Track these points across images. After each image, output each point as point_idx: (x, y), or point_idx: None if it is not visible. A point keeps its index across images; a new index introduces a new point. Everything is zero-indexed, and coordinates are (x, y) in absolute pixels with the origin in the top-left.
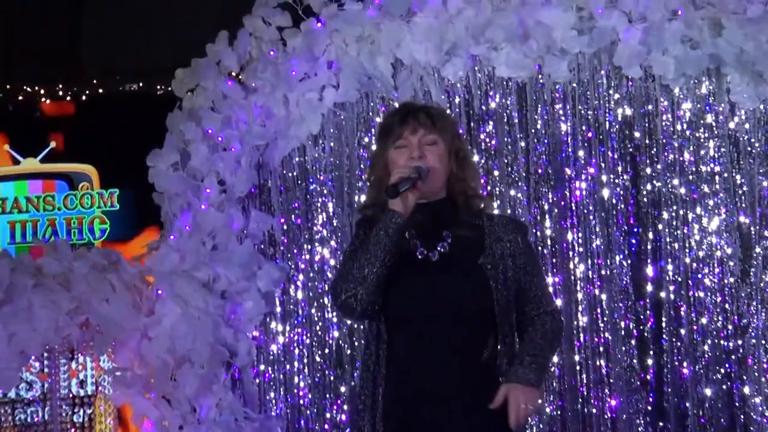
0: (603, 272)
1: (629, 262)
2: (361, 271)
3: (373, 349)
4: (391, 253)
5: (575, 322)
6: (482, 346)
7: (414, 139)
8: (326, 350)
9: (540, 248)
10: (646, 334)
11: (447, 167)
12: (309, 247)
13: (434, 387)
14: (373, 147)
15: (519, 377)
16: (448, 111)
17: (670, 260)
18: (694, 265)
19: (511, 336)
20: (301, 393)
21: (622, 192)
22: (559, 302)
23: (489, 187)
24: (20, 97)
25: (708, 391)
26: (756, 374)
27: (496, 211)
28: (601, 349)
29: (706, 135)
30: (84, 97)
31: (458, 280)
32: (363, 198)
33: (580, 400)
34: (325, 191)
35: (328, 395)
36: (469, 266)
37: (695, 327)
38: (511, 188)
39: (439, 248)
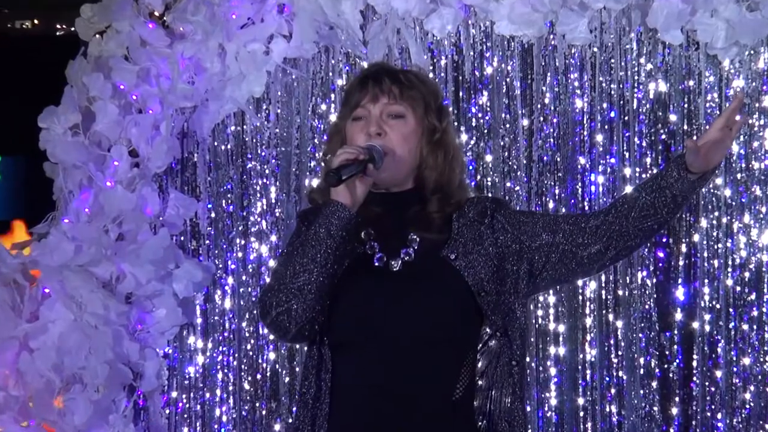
0: (620, 293)
1: (654, 281)
2: (296, 280)
3: (313, 380)
4: (336, 258)
5: (581, 356)
6: (455, 380)
7: (374, 110)
8: (258, 376)
9: None
10: (671, 375)
11: (416, 150)
12: (242, 242)
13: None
14: (333, 117)
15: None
16: (431, 76)
17: (707, 281)
18: (738, 288)
19: (509, 353)
20: (223, 429)
21: None
22: (561, 329)
23: (479, 177)
24: None
25: None
26: None
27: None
28: (613, 391)
29: (762, 122)
30: None
31: (426, 294)
32: (316, 182)
33: None
34: (266, 171)
35: None
36: (440, 276)
37: (735, 369)
38: (507, 179)
39: (402, 256)
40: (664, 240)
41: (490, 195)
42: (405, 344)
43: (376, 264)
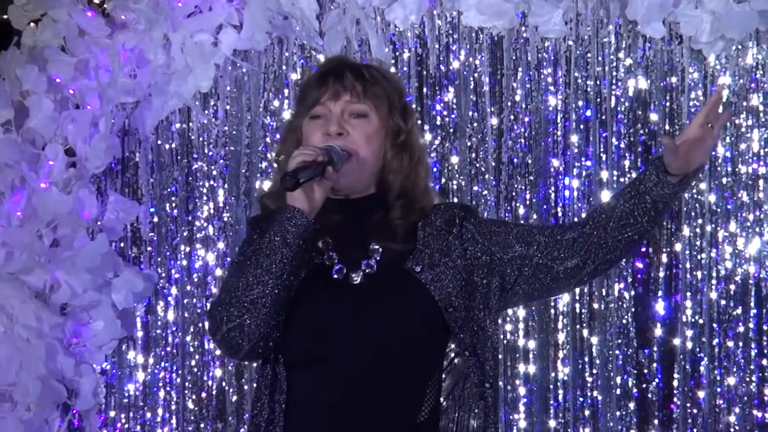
0: (595, 306)
1: (632, 294)
2: (249, 293)
3: (265, 401)
4: (293, 268)
5: (553, 374)
6: (420, 398)
7: (335, 108)
8: (203, 395)
9: None
10: (650, 395)
11: (379, 152)
12: (187, 249)
13: None
14: (286, 114)
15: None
16: (393, 71)
17: (689, 294)
18: (723, 302)
19: (480, 372)
20: None
21: None
22: (532, 345)
23: (443, 180)
24: None
25: None
26: None
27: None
28: (587, 412)
29: (750, 122)
30: None
31: (389, 305)
32: (267, 185)
33: None
34: (214, 172)
35: None
36: (403, 288)
37: (719, 389)
38: (474, 182)
39: (363, 268)
40: (644, 249)
41: (458, 201)
42: (367, 357)
43: (335, 276)
